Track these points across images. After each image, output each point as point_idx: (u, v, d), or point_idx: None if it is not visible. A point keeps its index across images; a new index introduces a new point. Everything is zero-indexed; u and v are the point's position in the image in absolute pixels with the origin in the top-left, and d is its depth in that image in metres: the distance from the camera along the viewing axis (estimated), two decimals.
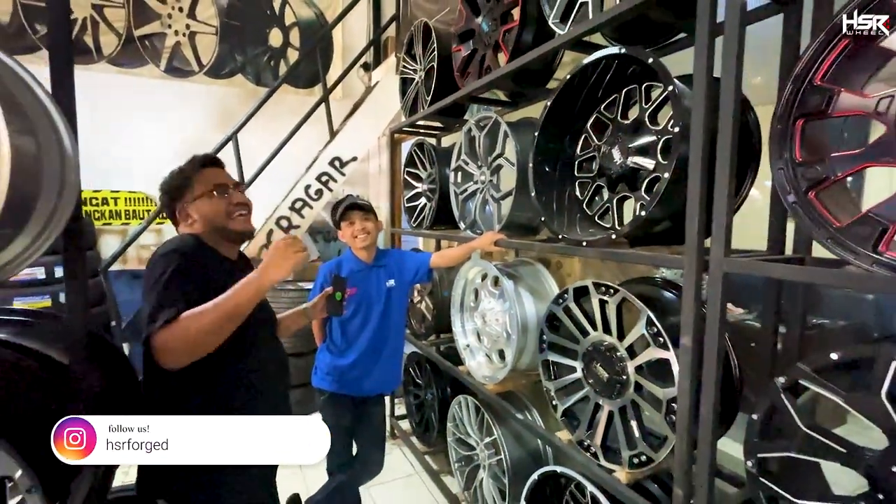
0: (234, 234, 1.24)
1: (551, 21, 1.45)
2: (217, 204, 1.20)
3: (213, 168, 1.27)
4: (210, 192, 1.20)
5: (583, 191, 1.52)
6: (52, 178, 0.82)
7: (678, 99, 1.07)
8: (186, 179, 1.22)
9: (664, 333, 1.16)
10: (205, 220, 1.20)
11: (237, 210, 1.23)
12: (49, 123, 0.83)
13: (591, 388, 1.40)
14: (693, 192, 0.98)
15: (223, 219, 1.21)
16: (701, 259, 0.98)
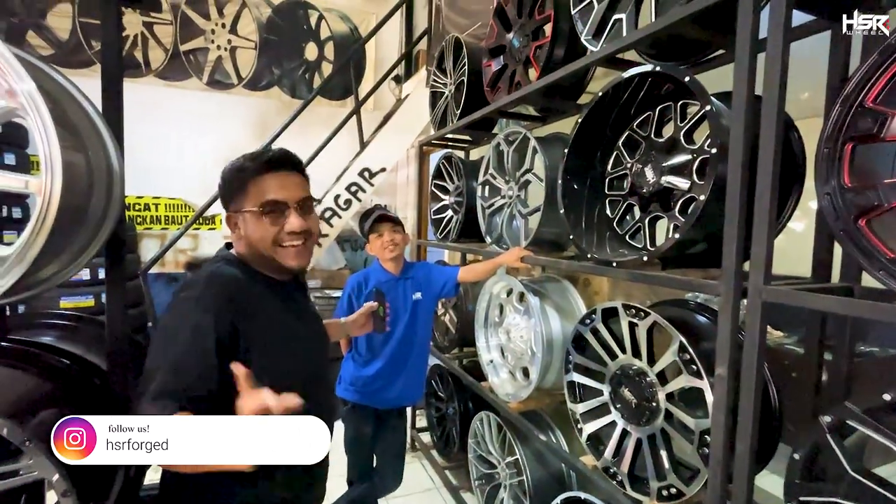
0: (282, 268, 0.99)
1: (584, 37, 1.44)
2: (264, 228, 0.94)
3: (280, 174, 0.97)
4: (260, 211, 0.93)
5: (613, 209, 1.48)
6: (100, 191, 0.87)
7: (716, 118, 1.04)
8: (241, 182, 0.95)
9: (697, 361, 1.11)
10: (249, 241, 0.96)
11: (290, 240, 0.96)
12: (98, 140, 0.88)
13: (619, 414, 1.35)
14: (731, 214, 0.94)
15: (269, 248, 0.95)
16: (739, 286, 0.93)
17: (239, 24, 4.17)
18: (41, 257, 0.70)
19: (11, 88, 0.63)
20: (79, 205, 0.81)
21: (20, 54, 0.81)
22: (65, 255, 0.87)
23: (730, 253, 0.94)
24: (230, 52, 4.17)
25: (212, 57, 4.16)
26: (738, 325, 0.97)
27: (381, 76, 4.22)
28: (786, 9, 0.86)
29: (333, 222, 3.64)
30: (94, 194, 0.84)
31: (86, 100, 0.90)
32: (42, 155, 0.64)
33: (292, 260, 0.98)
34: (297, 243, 0.97)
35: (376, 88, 4.16)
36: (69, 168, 0.70)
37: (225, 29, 4.14)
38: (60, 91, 0.85)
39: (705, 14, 1.03)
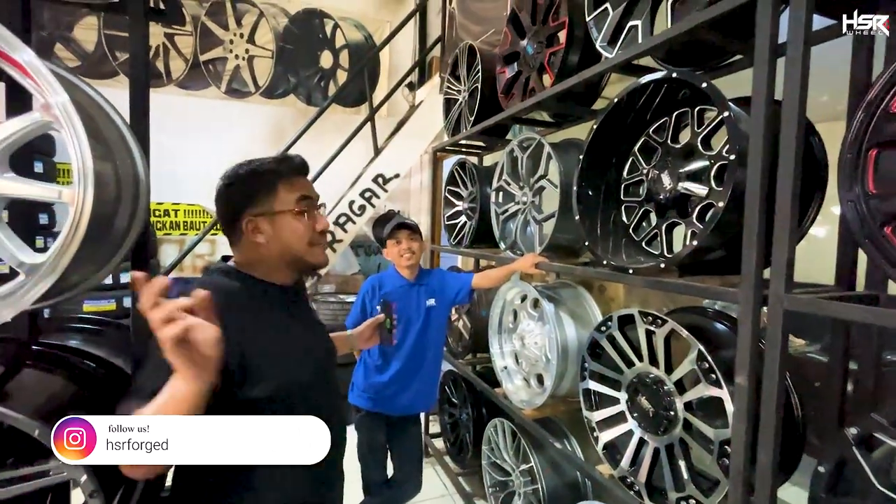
0: (308, 267, 1.01)
1: (599, 44, 1.44)
2: (301, 227, 0.95)
3: (302, 177, 1.00)
4: (297, 209, 0.94)
5: (629, 215, 1.47)
6: (127, 200, 0.89)
7: (734, 124, 1.03)
8: (271, 183, 0.94)
9: (717, 370, 1.09)
10: (279, 242, 0.94)
11: (320, 239, 0.99)
12: (126, 151, 0.90)
13: (636, 423, 1.34)
14: (751, 221, 0.93)
15: (303, 248, 0.96)
16: (759, 294, 0.92)
17: (256, 34, 4.26)
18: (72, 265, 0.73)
19: (46, 102, 0.66)
20: (107, 213, 0.83)
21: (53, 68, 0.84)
22: (93, 262, 0.89)
23: (749, 260, 0.93)
24: (248, 61, 4.26)
25: (230, 66, 4.25)
26: (758, 334, 0.95)
27: (394, 83, 4.26)
28: (806, 12, 0.85)
29: (348, 228, 3.67)
30: (121, 203, 0.87)
31: (114, 111, 0.93)
32: (75, 166, 0.67)
33: (321, 257, 1.00)
34: (323, 241, 1.01)
35: (390, 95, 4.20)
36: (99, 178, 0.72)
37: (243, 39, 4.23)
38: (90, 103, 0.88)
39: (723, 19, 1.03)
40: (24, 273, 0.69)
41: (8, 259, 0.68)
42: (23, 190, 0.69)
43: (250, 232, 0.94)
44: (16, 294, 0.67)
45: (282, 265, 0.98)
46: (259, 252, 0.95)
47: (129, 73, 0.91)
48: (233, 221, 0.95)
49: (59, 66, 0.84)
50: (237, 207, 0.94)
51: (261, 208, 0.93)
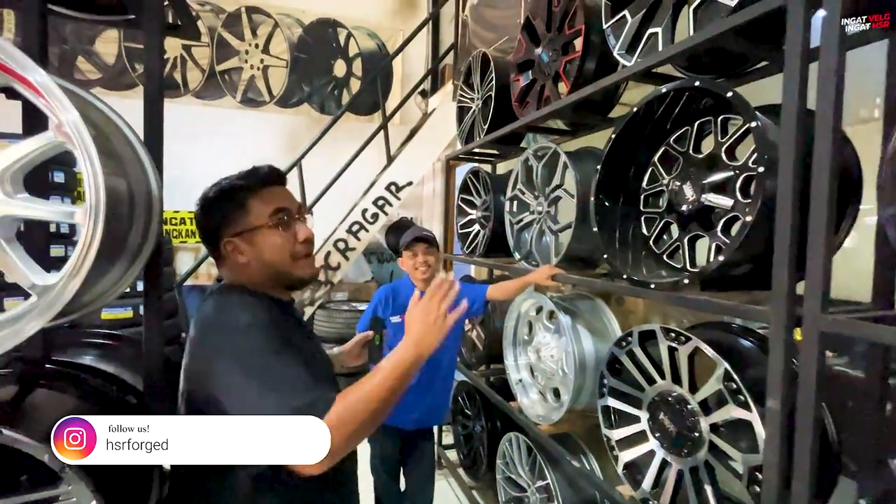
0: (296, 281, 0.97)
1: (616, 52, 1.41)
2: (280, 241, 0.91)
3: (276, 187, 0.97)
4: (272, 222, 0.91)
5: (649, 227, 1.43)
6: (140, 216, 0.89)
7: (762, 134, 0.98)
8: (241, 200, 0.91)
9: (744, 391, 1.04)
10: (261, 260, 0.91)
11: (304, 249, 0.95)
12: (139, 166, 0.90)
13: (658, 443, 1.29)
14: (782, 236, 0.89)
15: (286, 262, 0.92)
16: (792, 313, 0.87)
17: (271, 44, 4.31)
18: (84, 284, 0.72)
19: (59, 121, 0.65)
20: (121, 230, 0.83)
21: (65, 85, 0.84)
22: (106, 280, 0.89)
23: (781, 277, 0.88)
24: (262, 71, 4.32)
25: (245, 76, 4.31)
26: (791, 355, 0.90)
27: (407, 90, 4.27)
28: (840, 17, 0.81)
29: (361, 236, 3.67)
30: (134, 219, 0.86)
31: (127, 127, 0.92)
32: (87, 185, 0.66)
33: (308, 269, 0.97)
34: (309, 252, 0.97)
35: (403, 103, 4.21)
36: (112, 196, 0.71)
37: (258, 49, 4.29)
38: (103, 119, 0.87)
39: (750, 25, 0.99)
40: (36, 295, 0.68)
41: (21, 281, 0.68)
42: (36, 211, 0.69)
43: (231, 253, 0.91)
44: (29, 315, 0.66)
45: (269, 282, 0.94)
46: (245, 272, 0.93)
47: (144, 88, 0.91)
48: (214, 245, 0.93)
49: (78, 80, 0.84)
50: (214, 231, 0.92)
51: (236, 228, 0.91)
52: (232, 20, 4.21)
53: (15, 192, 0.68)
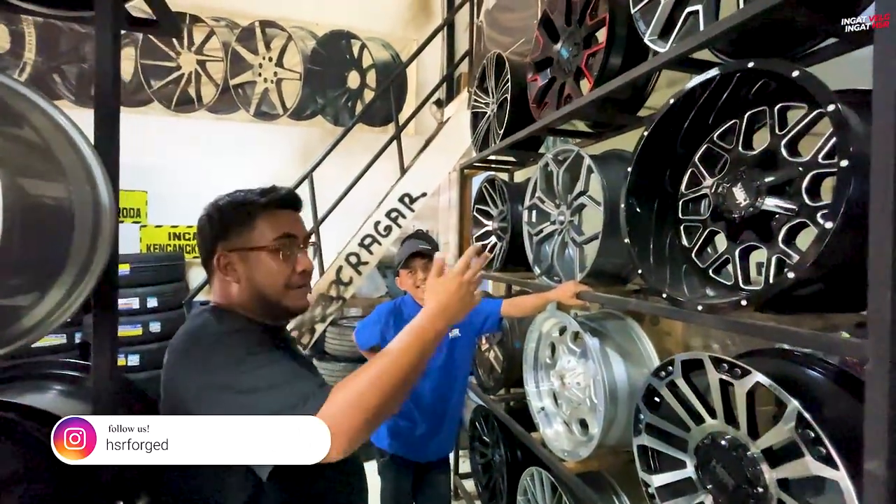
0: (284, 312, 0.91)
1: (648, 38, 1.23)
2: (277, 267, 0.86)
3: (288, 211, 0.93)
4: (274, 246, 0.86)
5: (690, 238, 1.23)
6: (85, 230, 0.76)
7: (844, 121, 0.79)
8: (248, 216, 0.87)
9: (826, 441, 0.83)
10: (252, 283, 0.86)
11: (300, 281, 0.90)
12: (85, 175, 0.77)
13: (710, 496, 1.07)
14: (879, 246, 0.69)
15: (278, 291, 0.87)
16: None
17: (285, 57, 4.29)
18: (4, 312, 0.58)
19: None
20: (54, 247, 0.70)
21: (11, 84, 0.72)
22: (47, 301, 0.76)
23: (881, 303, 0.68)
24: (276, 84, 4.29)
25: (259, 89, 4.29)
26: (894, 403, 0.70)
27: (422, 100, 4.16)
28: None
29: (373, 249, 3.54)
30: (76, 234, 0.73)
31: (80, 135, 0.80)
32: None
33: (300, 301, 0.92)
34: (305, 283, 0.92)
35: (417, 113, 4.10)
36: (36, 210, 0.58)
37: (272, 62, 4.27)
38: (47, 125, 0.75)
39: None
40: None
41: None
42: None
43: (223, 268, 0.87)
44: None
45: (255, 307, 0.88)
46: (232, 292, 0.88)
47: (95, 89, 0.79)
48: (208, 256, 0.89)
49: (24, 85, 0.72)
50: (212, 239, 0.88)
51: (235, 243, 0.86)
52: (246, 34, 4.20)
53: None
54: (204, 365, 0.76)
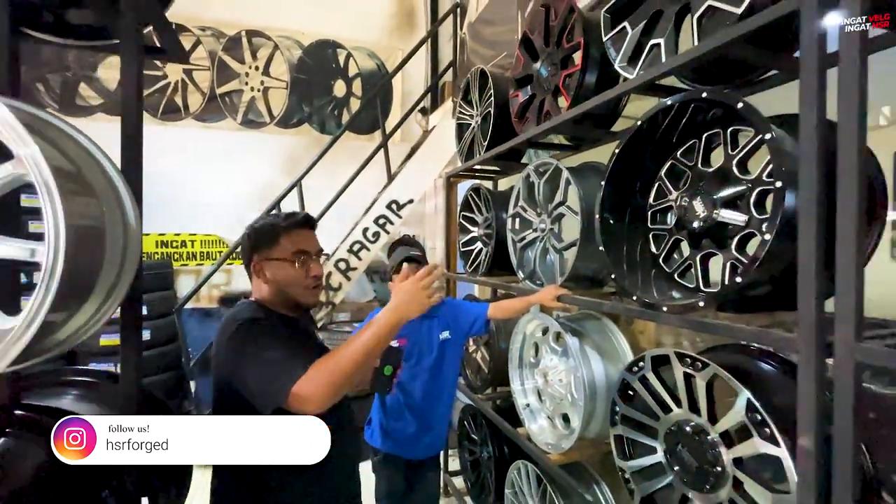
0: (300, 306, 1.22)
1: (618, 65, 1.36)
2: (295, 273, 1.16)
3: (304, 230, 1.23)
4: (293, 258, 1.17)
5: (658, 245, 1.36)
6: (115, 250, 0.83)
7: (778, 146, 0.92)
8: (275, 235, 1.18)
9: (771, 423, 0.96)
10: (276, 284, 1.17)
11: (312, 283, 1.20)
12: (115, 197, 0.85)
13: (677, 477, 1.20)
14: (807, 254, 0.82)
15: (296, 290, 1.18)
16: (823, 342, 0.80)
17: (271, 66, 4.34)
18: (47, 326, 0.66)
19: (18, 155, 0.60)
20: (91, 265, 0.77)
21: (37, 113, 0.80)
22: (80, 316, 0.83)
23: (808, 301, 0.81)
24: (263, 93, 4.34)
25: (246, 98, 4.33)
26: (824, 386, 0.82)
27: (407, 108, 4.27)
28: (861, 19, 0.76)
29: (362, 255, 3.62)
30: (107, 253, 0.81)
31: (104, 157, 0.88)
32: (46, 222, 0.61)
33: (311, 298, 1.23)
34: (317, 285, 1.22)
35: (403, 121, 4.20)
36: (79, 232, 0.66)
37: (258, 71, 4.32)
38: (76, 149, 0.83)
39: (759, 32, 0.94)
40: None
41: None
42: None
43: (256, 272, 1.19)
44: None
45: (279, 301, 1.19)
46: (263, 289, 1.19)
47: (122, 116, 0.87)
48: (248, 263, 1.21)
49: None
50: (250, 252, 1.20)
51: (266, 254, 1.17)
52: (232, 44, 4.25)
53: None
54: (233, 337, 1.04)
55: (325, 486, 1.18)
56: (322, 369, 0.94)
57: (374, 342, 1.00)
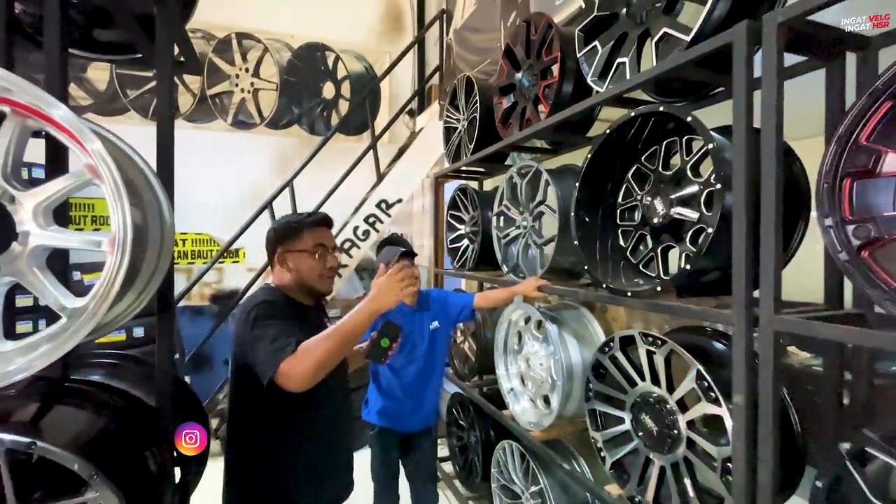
0: (317, 293, 1.39)
1: (590, 79, 1.52)
2: (314, 264, 1.34)
3: (323, 227, 1.41)
4: (313, 250, 1.34)
5: (626, 239, 1.53)
6: (154, 243, 0.96)
7: (719, 153, 1.09)
8: (299, 230, 1.35)
9: (715, 388, 1.13)
10: (298, 273, 1.33)
11: (328, 273, 1.38)
12: (153, 197, 0.97)
13: (641, 442, 1.37)
14: (738, 246, 0.99)
15: (314, 279, 1.35)
16: (750, 315, 0.97)
17: (261, 68, 4.41)
18: None
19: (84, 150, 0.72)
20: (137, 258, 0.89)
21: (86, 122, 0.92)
22: (122, 304, 0.95)
23: (739, 283, 0.98)
24: (253, 94, 4.41)
25: (236, 99, 4.40)
26: (753, 353, 1.00)
27: (395, 111, 4.39)
28: (777, 52, 0.93)
29: (352, 253, 3.73)
30: (148, 245, 0.93)
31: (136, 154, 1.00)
32: (114, 218, 0.73)
33: (327, 286, 1.40)
34: (332, 275, 1.41)
35: (392, 123, 4.32)
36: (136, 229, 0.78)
37: (248, 73, 4.39)
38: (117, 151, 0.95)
39: (705, 58, 1.10)
40: (66, 317, 0.74)
41: (52, 304, 0.74)
42: (66, 241, 0.75)
43: (280, 262, 1.35)
44: (60, 337, 0.73)
45: (297, 288, 1.36)
46: (284, 277, 1.36)
47: (157, 124, 0.99)
48: (272, 254, 1.38)
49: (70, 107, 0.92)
50: (275, 244, 1.37)
51: (289, 246, 1.35)
52: (223, 46, 4.31)
53: (47, 225, 0.75)
54: (247, 315, 1.20)
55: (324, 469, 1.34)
56: (307, 350, 1.08)
57: (353, 327, 1.14)
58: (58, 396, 0.89)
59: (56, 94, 0.92)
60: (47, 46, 0.93)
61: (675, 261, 1.40)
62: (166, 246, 0.97)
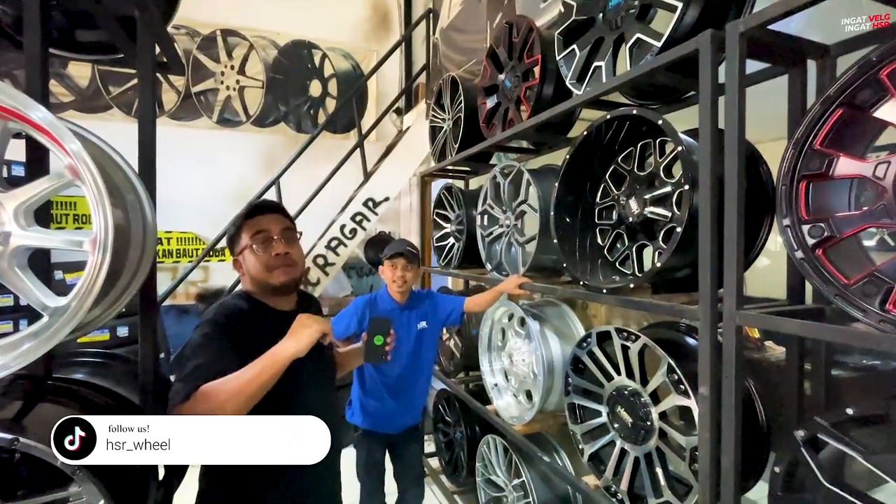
0: (276, 288, 1.19)
1: (568, 81, 1.56)
2: (257, 258, 1.17)
3: (259, 216, 1.22)
4: (252, 244, 1.18)
5: (603, 237, 1.58)
6: (137, 243, 0.97)
7: (687, 156, 1.14)
8: (237, 230, 1.21)
9: (685, 381, 1.18)
10: (249, 273, 1.19)
11: (277, 262, 1.18)
12: (133, 192, 0.99)
13: (617, 433, 1.41)
14: (704, 244, 1.03)
15: (264, 274, 1.17)
16: (715, 311, 1.02)
17: (247, 66, 4.39)
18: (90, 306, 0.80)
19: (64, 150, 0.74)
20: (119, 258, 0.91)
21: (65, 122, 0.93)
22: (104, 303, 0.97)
23: (705, 280, 1.03)
24: (238, 92, 4.38)
25: (221, 97, 4.36)
26: (718, 346, 1.04)
27: (382, 109, 4.40)
28: (739, 59, 0.97)
29: (339, 251, 3.74)
30: (131, 244, 0.94)
31: (122, 159, 1.01)
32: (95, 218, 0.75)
33: (279, 277, 1.20)
34: (282, 264, 1.20)
35: (379, 122, 4.33)
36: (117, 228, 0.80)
37: (234, 70, 4.36)
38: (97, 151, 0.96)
39: (675, 64, 1.15)
40: (47, 315, 0.76)
41: (34, 303, 0.76)
42: (48, 241, 0.77)
43: (237, 268, 1.25)
44: (42, 335, 0.74)
45: (259, 290, 1.22)
46: (245, 281, 1.24)
47: (139, 123, 1.00)
48: (234, 260, 1.26)
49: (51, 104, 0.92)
50: (230, 249, 1.26)
51: (235, 249, 1.23)
52: (207, 43, 4.27)
53: (28, 225, 0.76)
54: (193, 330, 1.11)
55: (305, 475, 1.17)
56: (205, 397, 0.94)
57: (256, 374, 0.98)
58: (41, 394, 0.90)
59: (36, 94, 0.93)
60: (27, 47, 0.94)
61: (649, 259, 1.46)
62: (149, 245, 0.99)
